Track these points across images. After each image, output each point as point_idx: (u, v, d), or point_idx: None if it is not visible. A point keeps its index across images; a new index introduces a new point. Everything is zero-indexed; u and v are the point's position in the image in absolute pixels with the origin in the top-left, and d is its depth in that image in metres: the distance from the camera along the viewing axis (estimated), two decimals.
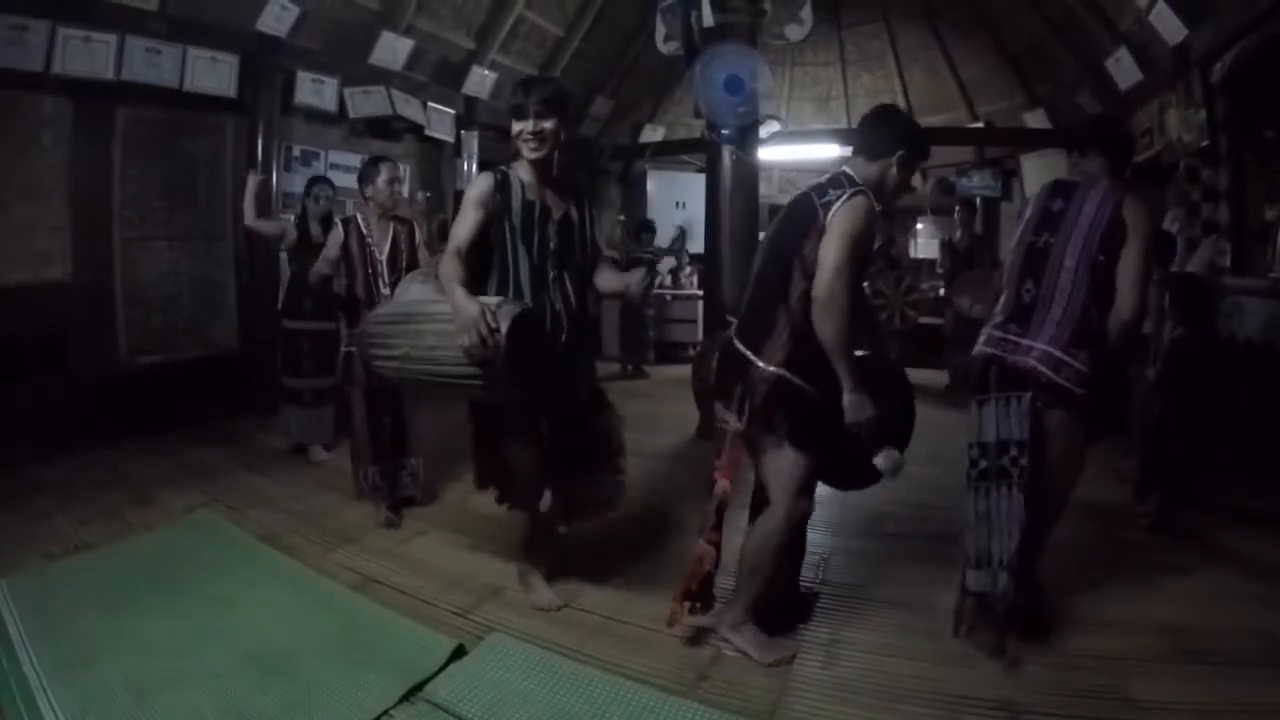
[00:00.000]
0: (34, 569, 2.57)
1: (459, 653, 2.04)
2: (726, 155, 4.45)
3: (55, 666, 1.93)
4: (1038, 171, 7.28)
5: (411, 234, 3.24)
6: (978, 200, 7.49)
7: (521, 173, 2.20)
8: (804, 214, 1.91)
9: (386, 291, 3.04)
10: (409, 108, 5.89)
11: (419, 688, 1.89)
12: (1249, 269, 4.18)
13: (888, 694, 1.88)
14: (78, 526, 2.97)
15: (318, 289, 3.28)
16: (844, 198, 1.85)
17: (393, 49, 5.61)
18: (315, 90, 5.19)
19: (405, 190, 6.12)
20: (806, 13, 4.76)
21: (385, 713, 1.79)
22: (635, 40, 7.68)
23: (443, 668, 1.97)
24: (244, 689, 1.87)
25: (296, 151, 5.24)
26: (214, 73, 4.51)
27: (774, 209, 9.19)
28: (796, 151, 8.54)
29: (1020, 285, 2.06)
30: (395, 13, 5.53)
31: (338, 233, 3.14)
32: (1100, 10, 5.51)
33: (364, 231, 3.14)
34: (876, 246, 6.75)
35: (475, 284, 2.09)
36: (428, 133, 6.12)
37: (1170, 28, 4.62)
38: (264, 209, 4.22)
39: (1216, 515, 3.07)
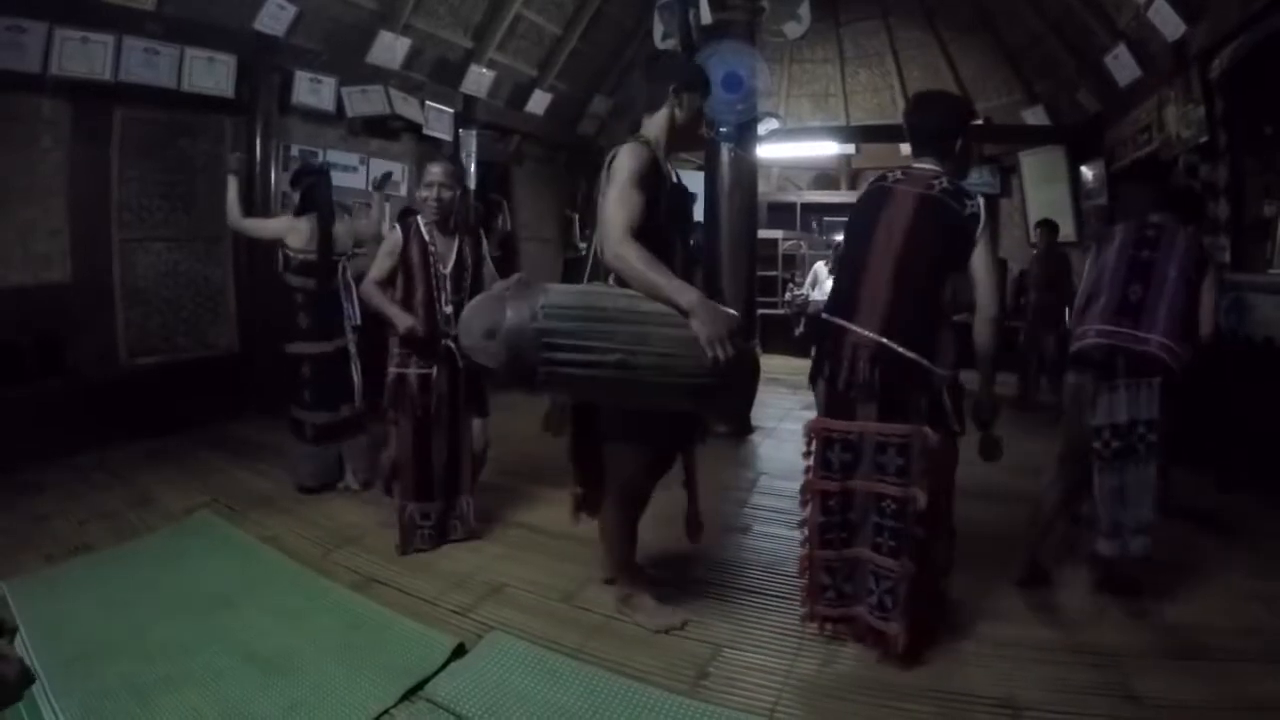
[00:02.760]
0: (34, 571, 2.57)
1: (459, 651, 2.04)
2: (725, 153, 4.45)
3: (56, 668, 1.93)
4: (1036, 168, 7.28)
5: (478, 246, 2.90)
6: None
7: (660, 152, 2.03)
8: (952, 223, 1.96)
9: (448, 310, 2.74)
10: (407, 107, 5.89)
11: (419, 687, 1.89)
12: (1248, 265, 4.18)
13: (889, 692, 1.88)
14: (78, 528, 2.96)
15: (368, 304, 2.83)
16: (982, 216, 1.97)
17: (390, 48, 5.61)
18: (313, 90, 5.18)
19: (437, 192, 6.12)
20: (804, 10, 4.77)
21: (386, 712, 1.79)
22: (633, 38, 7.68)
23: (443, 667, 1.97)
24: (245, 689, 1.87)
25: (294, 151, 5.23)
26: (212, 73, 4.51)
27: (774, 206, 9.31)
28: (795, 149, 8.55)
29: (1126, 288, 2.37)
30: (393, 12, 5.53)
31: (394, 238, 2.76)
32: (1099, 7, 5.51)
33: (426, 239, 2.76)
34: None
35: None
36: (426, 131, 6.11)
37: (1169, 24, 4.62)
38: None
39: (1219, 513, 3.07)
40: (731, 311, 1.84)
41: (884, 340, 1.91)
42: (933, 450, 1.89)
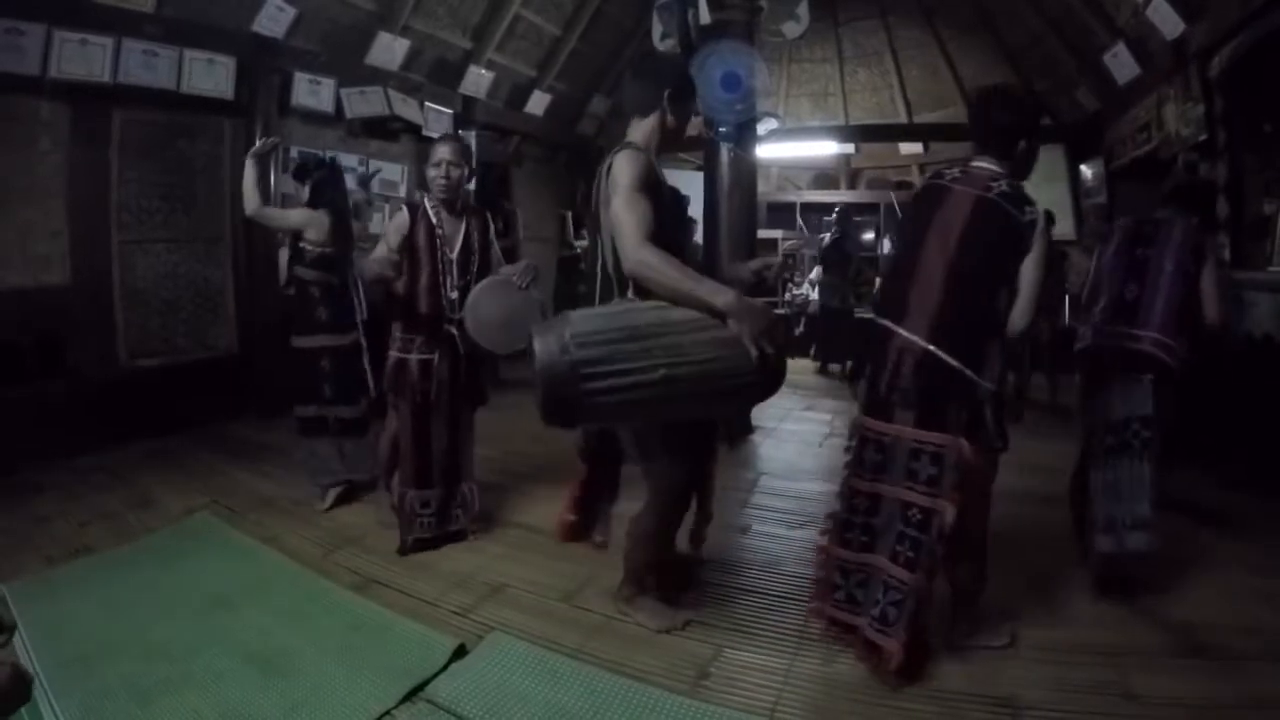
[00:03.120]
0: (35, 572, 2.57)
1: (460, 652, 2.04)
2: (724, 153, 4.44)
3: (57, 670, 1.93)
4: (1036, 167, 7.25)
5: (485, 229, 2.81)
6: None
7: (652, 156, 1.99)
8: (1009, 228, 1.86)
9: (454, 295, 2.69)
10: (406, 108, 5.89)
11: (420, 688, 1.89)
12: (1248, 262, 4.18)
13: (889, 692, 1.88)
14: (78, 529, 2.97)
15: (374, 289, 2.77)
16: (1039, 223, 1.86)
17: (389, 49, 5.61)
18: (312, 91, 5.19)
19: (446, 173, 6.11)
20: (803, 9, 4.76)
21: (387, 713, 1.80)
22: (632, 38, 7.68)
23: (444, 668, 1.97)
24: (245, 691, 1.87)
25: (294, 153, 5.22)
26: (211, 74, 4.51)
27: (773, 206, 9.31)
28: (794, 148, 8.54)
29: (1123, 287, 2.44)
30: (391, 13, 5.53)
31: (401, 219, 2.67)
32: (1098, 5, 5.50)
33: (434, 222, 2.68)
34: (831, 241, 6.83)
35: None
36: (425, 133, 6.10)
37: (1168, 22, 4.62)
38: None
39: (1219, 510, 3.07)
40: (765, 304, 1.82)
41: (930, 347, 1.84)
42: (967, 464, 1.81)
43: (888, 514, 1.93)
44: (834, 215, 7.05)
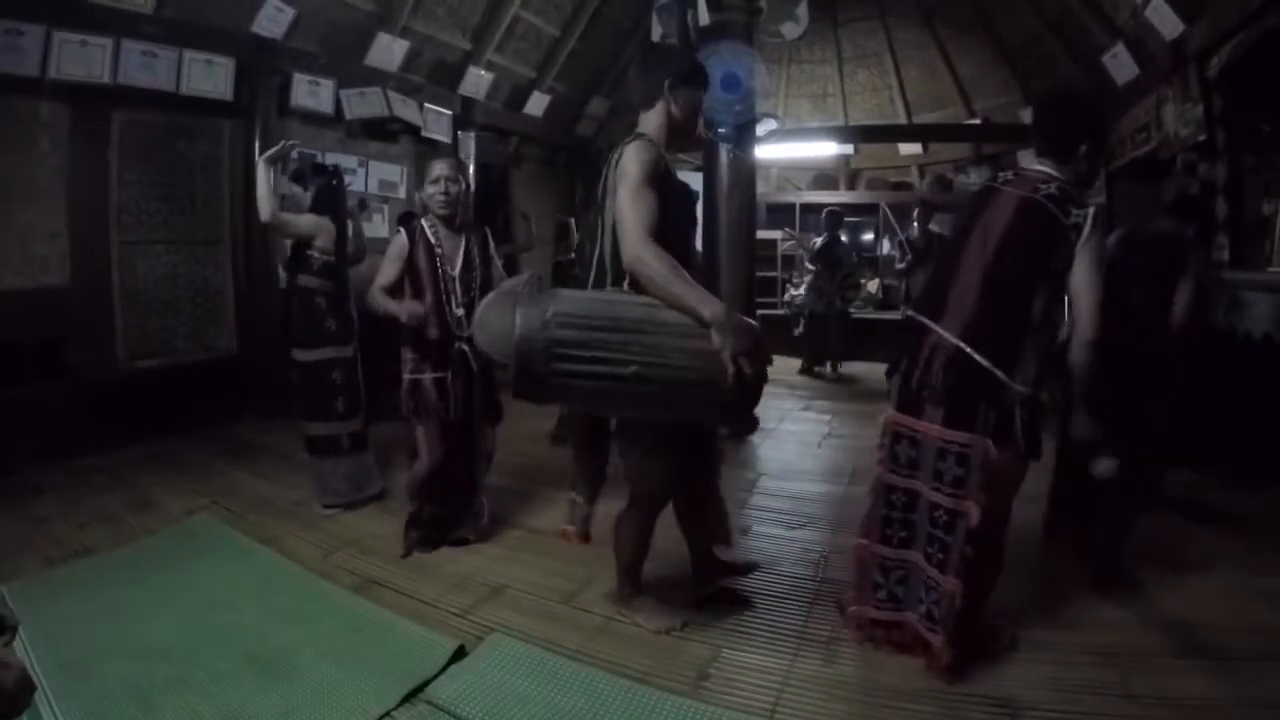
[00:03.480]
0: (34, 574, 2.57)
1: (460, 654, 2.04)
2: (724, 154, 4.45)
3: (57, 671, 1.93)
4: None
5: (485, 244, 2.80)
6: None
7: (662, 150, 1.92)
8: (1049, 230, 1.82)
9: (460, 313, 2.68)
10: (405, 109, 5.89)
11: (420, 689, 1.89)
12: (1247, 263, 4.18)
13: (889, 692, 1.88)
14: (77, 531, 2.97)
15: (376, 314, 2.73)
16: (1088, 228, 1.79)
17: (389, 50, 5.61)
18: (311, 92, 5.19)
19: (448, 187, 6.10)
20: (802, 10, 4.78)
21: (387, 714, 1.79)
22: (631, 39, 7.68)
23: (444, 669, 1.97)
24: (245, 692, 1.87)
25: (294, 154, 5.22)
26: (210, 75, 4.51)
27: (773, 207, 9.31)
28: (793, 149, 8.54)
29: (1111, 291, 2.50)
30: (391, 14, 5.53)
31: (399, 242, 2.69)
32: (1097, 6, 5.51)
33: (433, 242, 2.69)
34: (820, 246, 6.83)
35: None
36: (424, 134, 6.11)
37: (1167, 22, 4.62)
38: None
39: (1220, 510, 3.07)
40: (754, 324, 1.78)
41: (962, 345, 1.83)
42: (994, 466, 1.79)
43: (922, 511, 1.95)
44: (822, 219, 7.01)
